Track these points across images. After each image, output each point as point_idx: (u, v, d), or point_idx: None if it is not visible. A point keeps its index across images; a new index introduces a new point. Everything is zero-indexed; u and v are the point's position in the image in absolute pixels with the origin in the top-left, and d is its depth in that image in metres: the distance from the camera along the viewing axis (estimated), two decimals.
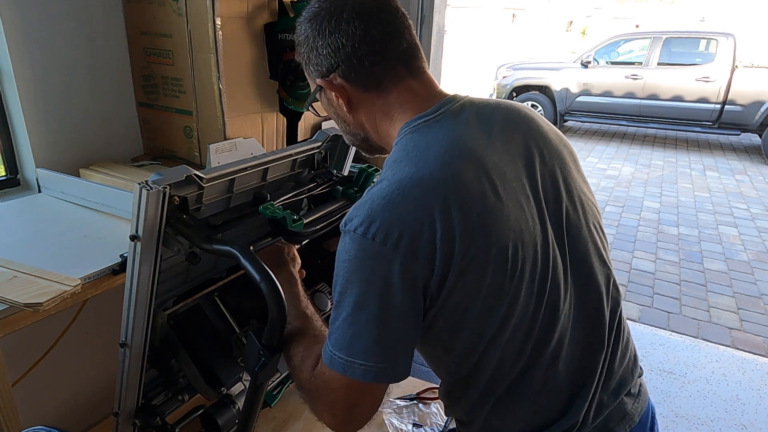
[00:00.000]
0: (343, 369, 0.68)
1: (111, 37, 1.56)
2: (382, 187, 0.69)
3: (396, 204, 0.66)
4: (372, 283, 0.66)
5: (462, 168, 0.69)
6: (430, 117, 0.75)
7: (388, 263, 0.65)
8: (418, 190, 0.67)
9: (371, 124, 0.82)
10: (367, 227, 0.66)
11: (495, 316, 0.71)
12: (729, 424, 2.25)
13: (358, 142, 0.88)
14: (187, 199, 0.81)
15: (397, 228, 0.65)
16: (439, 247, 0.66)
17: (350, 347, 0.68)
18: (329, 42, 0.76)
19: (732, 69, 6.74)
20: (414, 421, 1.25)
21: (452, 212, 0.66)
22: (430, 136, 0.73)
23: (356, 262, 0.67)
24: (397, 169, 0.70)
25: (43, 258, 1.04)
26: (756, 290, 3.49)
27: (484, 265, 0.68)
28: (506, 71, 8.38)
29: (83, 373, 1.55)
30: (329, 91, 0.81)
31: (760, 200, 5.31)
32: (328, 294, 1.03)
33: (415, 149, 0.72)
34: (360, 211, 0.68)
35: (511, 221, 0.70)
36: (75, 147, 1.52)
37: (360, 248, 0.66)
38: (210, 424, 1.03)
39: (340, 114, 0.84)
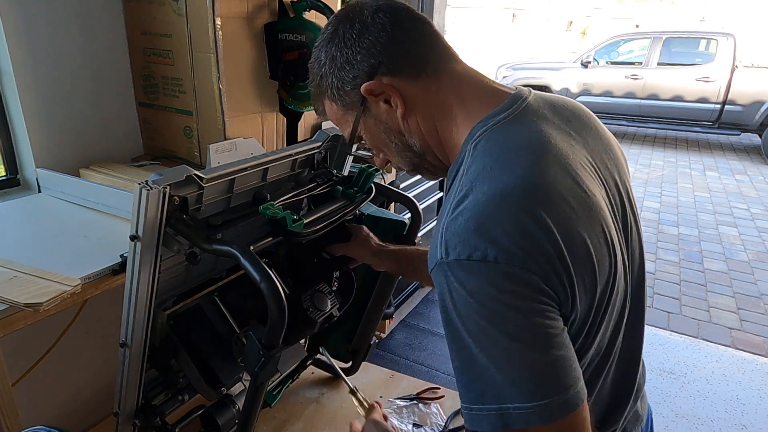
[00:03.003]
0: (527, 420, 0.56)
1: (111, 37, 1.56)
2: (478, 203, 0.59)
3: (509, 218, 0.58)
4: (512, 308, 0.56)
5: (559, 174, 0.62)
6: (509, 113, 0.67)
7: (520, 282, 0.56)
8: (528, 200, 0.59)
9: (429, 125, 0.73)
10: (484, 251, 0.56)
11: (589, 332, 0.65)
12: (729, 424, 2.25)
13: (418, 161, 0.78)
14: (187, 199, 0.81)
15: (518, 244, 0.56)
16: (560, 259, 0.58)
17: (512, 392, 0.56)
18: (360, 45, 0.71)
19: (732, 69, 6.74)
20: (414, 421, 1.25)
21: (566, 220, 0.59)
22: (517, 136, 0.65)
23: (484, 293, 0.56)
24: (492, 176, 0.61)
25: (43, 258, 1.03)
26: (756, 290, 3.49)
27: (594, 272, 0.62)
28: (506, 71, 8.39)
29: (83, 373, 1.55)
30: (376, 104, 0.73)
31: (760, 200, 5.31)
32: (327, 294, 1.03)
33: (504, 153, 0.63)
34: (463, 234, 0.58)
35: (609, 226, 0.65)
36: (75, 147, 1.52)
37: (482, 276, 0.56)
38: (210, 424, 1.03)
39: (392, 127, 0.75)
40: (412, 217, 1.16)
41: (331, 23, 0.77)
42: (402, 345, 2.71)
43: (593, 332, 0.66)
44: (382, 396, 1.33)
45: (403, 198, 1.17)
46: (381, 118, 0.75)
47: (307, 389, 1.35)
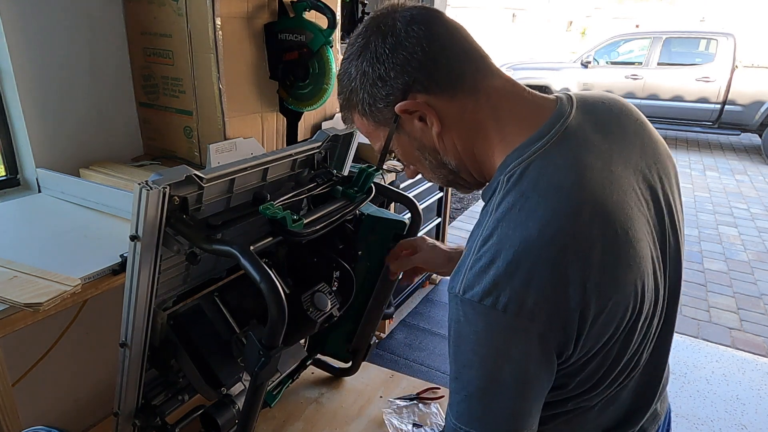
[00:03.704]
0: None
1: (111, 37, 1.56)
2: (502, 248, 0.59)
3: (527, 269, 0.58)
4: (506, 357, 0.60)
5: (593, 216, 0.60)
6: (545, 141, 0.64)
7: (523, 335, 0.59)
8: (550, 251, 0.58)
9: (464, 144, 0.71)
10: (496, 298, 0.58)
11: (608, 358, 0.68)
12: (729, 424, 2.25)
13: (453, 177, 0.76)
14: (187, 199, 0.81)
15: (532, 297, 0.57)
16: (575, 311, 0.59)
17: (481, 421, 0.62)
18: (394, 61, 0.67)
19: (732, 69, 6.74)
20: (414, 421, 1.25)
21: (588, 272, 0.59)
22: (552, 173, 0.62)
23: (485, 335, 0.60)
24: (519, 222, 0.60)
25: (43, 258, 1.04)
26: (756, 290, 3.49)
27: (615, 317, 0.63)
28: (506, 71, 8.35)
29: (83, 373, 1.55)
30: (409, 121, 0.71)
31: (760, 200, 5.31)
32: (327, 294, 1.03)
33: (536, 195, 0.61)
34: (482, 278, 0.59)
35: (640, 266, 0.64)
36: (75, 147, 1.52)
37: (489, 321, 0.59)
38: (210, 424, 1.03)
39: (427, 144, 0.73)
40: (412, 217, 1.15)
41: (362, 35, 0.71)
42: (402, 345, 2.71)
43: (612, 355, 0.68)
44: (382, 396, 1.33)
45: (403, 198, 1.17)
46: (415, 136, 0.73)
47: (307, 389, 1.35)
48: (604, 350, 0.66)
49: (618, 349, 0.68)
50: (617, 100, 0.76)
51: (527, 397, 0.63)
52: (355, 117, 0.77)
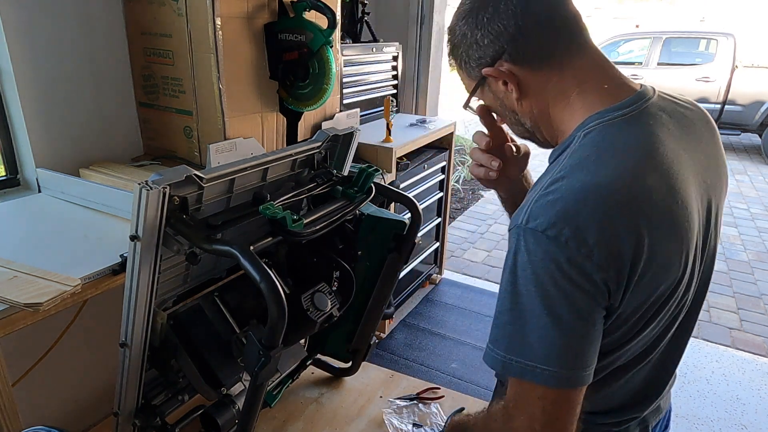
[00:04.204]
0: (521, 373, 0.65)
1: (111, 37, 1.56)
2: (571, 188, 0.64)
3: (593, 211, 0.62)
4: (562, 290, 0.62)
5: (657, 181, 0.65)
6: (627, 111, 0.69)
7: (580, 271, 0.62)
8: (615, 200, 0.63)
9: (541, 110, 0.76)
10: (560, 231, 0.61)
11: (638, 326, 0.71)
12: (729, 424, 2.25)
13: (528, 134, 0.83)
14: (187, 199, 0.81)
15: (593, 236, 0.61)
16: (628, 261, 0.63)
17: (531, 352, 0.64)
18: (489, 30, 0.74)
19: (732, 69, 6.74)
20: (414, 421, 1.25)
21: (645, 229, 0.63)
22: (628, 136, 0.68)
23: (544, 264, 0.62)
24: (592, 169, 0.65)
25: (43, 258, 1.04)
26: (756, 290, 3.49)
27: (658, 282, 0.67)
28: None
29: (83, 373, 1.55)
30: (494, 83, 0.78)
31: (760, 200, 5.31)
32: (327, 294, 1.03)
33: (610, 149, 0.67)
34: (548, 211, 0.63)
35: (688, 244, 0.69)
36: (75, 147, 1.52)
37: (549, 251, 0.62)
38: (210, 424, 1.03)
39: (507, 104, 0.80)
40: (412, 217, 1.15)
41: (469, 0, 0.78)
42: (402, 345, 2.71)
43: (639, 328, 0.72)
44: (382, 396, 1.33)
45: (403, 198, 1.17)
46: (498, 96, 0.80)
47: (307, 389, 1.35)
48: (637, 315, 0.69)
49: (647, 320, 0.71)
50: (699, 108, 0.82)
51: (583, 337, 0.64)
52: (456, 65, 0.84)
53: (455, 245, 4.11)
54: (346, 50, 2.41)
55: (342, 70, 2.33)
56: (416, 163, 2.57)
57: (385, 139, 2.29)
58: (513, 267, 0.66)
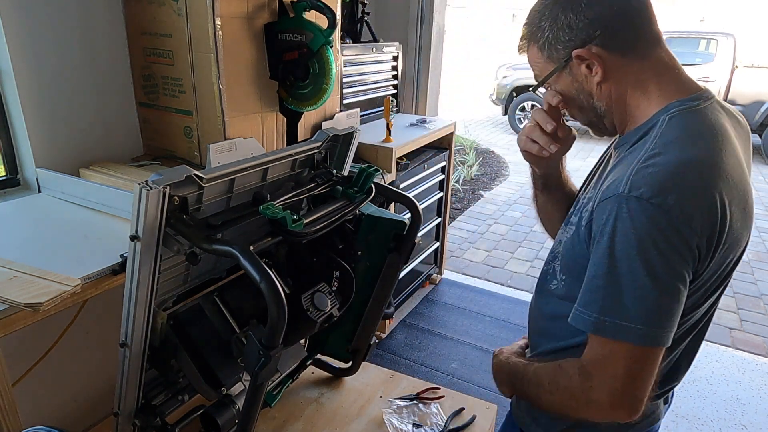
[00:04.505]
0: (615, 333, 0.70)
1: (111, 37, 1.56)
2: (670, 162, 0.71)
3: (691, 181, 0.70)
4: (662, 253, 0.68)
5: (736, 164, 0.75)
6: (701, 102, 0.78)
7: (680, 237, 0.68)
8: (711, 174, 0.71)
9: (620, 95, 0.82)
10: (664, 199, 0.68)
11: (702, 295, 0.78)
12: (729, 424, 2.25)
13: (596, 119, 0.88)
14: (187, 199, 0.81)
15: (691, 205, 0.68)
16: (716, 232, 0.70)
17: (626, 311, 0.70)
18: (586, 15, 0.78)
19: (732, 69, 6.74)
20: (414, 421, 1.25)
21: (730, 204, 0.71)
22: (708, 124, 0.76)
23: (647, 230, 0.68)
24: (685, 147, 0.73)
25: (43, 258, 1.04)
26: (756, 290, 3.49)
27: (727, 258, 0.76)
28: (506, 71, 8.37)
29: (83, 373, 1.55)
30: (577, 66, 0.81)
31: (760, 200, 5.30)
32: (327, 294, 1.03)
33: (696, 132, 0.75)
34: (651, 180, 0.70)
35: (748, 228, 0.78)
36: (75, 147, 1.52)
37: (652, 217, 0.68)
38: (210, 424, 1.03)
39: (585, 88, 0.84)
40: (412, 217, 1.15)
41: None
42: (402, 345, 2.71)
43: (704, 298, 0.80)
44: (382, 396, 1.33)
45: (403, 198, 1.17)
46: (578, 79, 0.83)
47: (307, 389, 1.35)
48: (707, 284, 0.77)
49: (711, 291, 0.80)
50: (744, 118, 0.92)
51: (674, 297, 0.71)
52: (531, 48, 0.87)
53: (455, 245, 4.11)
54: (346, 50, 2.41)
55: (342, 70, 2.33)
56: (416, 163, 2.57)
57: (385, 139, 2.29)
58: (612, 233, 0.71)
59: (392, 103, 2.59)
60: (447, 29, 3.30)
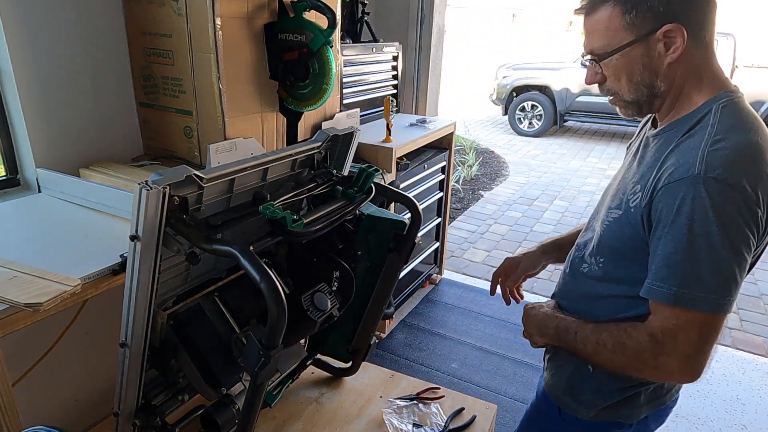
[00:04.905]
0: (693, 304, 0.77)
1: (111, 37, 1.56)
2: (737, 145, 0.77)
3: (756, 162, 0.77)
4: (739, 228, 0.75)
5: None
6: (741, 96, 0.85)
7: (750, 212, 0.75)
8: (765, 155, 0.78)
9: (681, 80, 0.85)
10: (739, 180, 0.75)
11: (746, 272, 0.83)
12: (729, 424, 2.25)
13: (646, 98, 0.89)
14: (187, 199, 0.81)
15: (760, 183, 0.76)
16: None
17: (706, 283, 0.76)
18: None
19: (732, 69, 6.74)
20: (414, 421, 1.25)
21: None
22: (751, 111, 0.84)
23: (725, 207, 0.75)
24: (743, 132, 0.79)
25: (43, 258, 1.04)
26: (756, 290, 3.49)
27: None
28: (506, 71, 8.38)
29: (83, 373, 1.55)
30: (656, 41, 0.82)
31: None
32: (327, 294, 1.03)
33: (749, 121, 0.82)
34: (725, 162, 0.76)
35: None
36: (75, 147, 1.52)
37: (730, 197, 0.75)
38: (210, 424, 1.03)
39: (652, 65, 0.84)
40: (412, 217, 1.15)
41: None
42: (402, 345, 2.71)
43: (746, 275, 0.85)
44: (382, 396, 1.33)
45: (403, 198, 1.17)
46: (649, 55, 0.84)
47: (307, 389, 1.35)
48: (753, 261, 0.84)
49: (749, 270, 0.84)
50: None
51: (743, 269, 0.78)
52: (607, 7, 0.84)
53: (455, 245, 4.11)
54: (346, 50, 2.41)
55: (342, 70, 2.33)
56: (416, 163, 2.57)
57: (385, 139, 2.29)
58: (690, 212, 0.76)
59: (392, 103, 2.59)
60: (447, 29, 3.30)
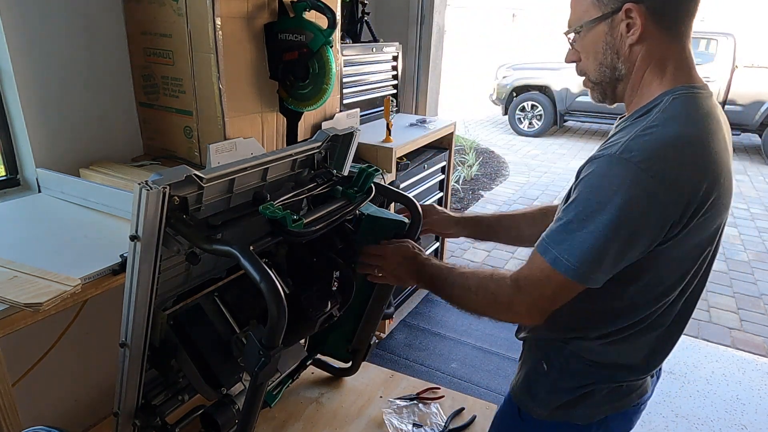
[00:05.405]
0: (565, 270, 0.80)
1: (111, 37, 1.56)
2: (665, 135, 0.78)
3: (678, 155, 0.77)
4: (634, 209, 0.75)
5: (724, 149, 0.82)
6: (703, 91, 0.85)
7: (655, 198, 0.75)
8: (700, 149, 0.78)
9: (642, 65, 0.86)
10: (651, 165, 0.75)
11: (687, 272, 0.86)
12: (729, 424, 2.25)
13: (609, 80, 0.91)
14: (187, 199, 0.81)
15: (674, 174, 0.75)
16: (695, 200, 0.77)
17: (584, 255, 0.78)
18: None
19: (732, 69, 6.73)
20: (414, 421, 1.25)
21: (712, 178, 0.78)
22: (706, 107, 0.83)
23: (626, 187, 0.75)
24: (678, 125, 0.79)
25: (43, 258, 1.04)
26: (756, 290, 3.49)
27: (704, 232, 0.82)
28: (506, 71, 8.37)
29: (83, 373, 1.55)
30: (621, 19, 0.84)
31: (760, 200, 5.31)
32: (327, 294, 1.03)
33: (694, 114, 0.81)
34: (643, 149, 0.76)
35: (725, 215, 0.85)
36: (75, 147, 1.52)
37: (635, 178, 0.75)
38: (210, 424, 1.03)
39: (615, 45, 0.87)
40: (412, 217, 1.15)
41: None
42: (402, 345, 2.71)
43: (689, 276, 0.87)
44: (382, 396, 1.33)
45: (403, 198, 1.17)
46: (612, 34, 0.87)
47: (307, 389, 1.35)
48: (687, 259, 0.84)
49: (691, 269, 0.86)
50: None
51: (627, 248, 0.78)
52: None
53: (455, 245, 4.11)
54: (346, 50, 2.41)
55: (342, 70, 2.33)
56: (416, 163, 2.57)
57: (385, 139, 2.29)
58: (592, 183, 0.79)
59: (392, 103, 2.59)
60: (447, 29, 3.30)
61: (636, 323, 0.90)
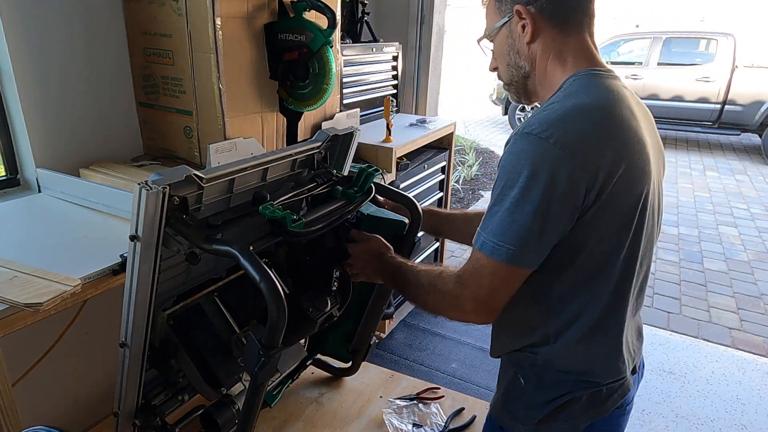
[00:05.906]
0: (491, 252, 0.80)
1: (111, 37, 1.56)
2: (563, 107, 0.81)
3: (577, 120, 0.79)
4: (541, 179, 0.76)
5: (630, 115, 0.84)
6: (604, 72, 0.88)
7: (559, 164, 0.76)
8: (599, 115, 0.81)
9: (542, 60, 0.91)
10: (551, 134, 0.77)
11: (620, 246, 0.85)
12: (729, 424, 2.25)
13: (518, 79, 0.96)
14: (187, 199, 0.81)
15: (577, 140, 0.77)
16: (605, 167, 0.78)
17: (504, 233, 0.79)
18: None
19: (732, 69, 6.74)
20: (414, 421, 1.25)
21: (619, 144, 0.80)
22: (607, 83, 0.86)
23: (531, 159, 0.77)
24: (577, 97, 0.82)
25: (43, 258, 1.04)
26: (756, 290, 3.49)
27: (627, 199, 0.82)
28: None
29: (83, 373, 1.55)
30: (517, 22, 0.91)
31: (760, 200, 5.31)
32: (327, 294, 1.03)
33: (593, 88, 0.85)
34: (541, 120, 0.79)
35: (648, 184, 0.85)
36: (75, 147, 1.52)
37: (537, 148, 0.77)
38: (210, 424, 1.03)
39: (515, 45, 0.93)
40: (412, 217, 1.15)
41: None
42: (402, 345, 2.71)
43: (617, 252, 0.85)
44: (382, 396, 1.33)
45: (403, 198, 1.17)
46: (512, 35, 0.93)
47: (307, 389, 1.35)
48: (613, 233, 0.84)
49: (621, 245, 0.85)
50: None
51: (544, 220, 0.78)
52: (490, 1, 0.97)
53: (455, 245, 4.10)
54: (346, 50, 2.41)
55: (342, 70, 2.33)
56: (416, 163, 2.56)
57: (385, 139, 2.29)
58: (504, 166, 0.81)
59: (392, 103, 2.59)
60: (447, 29, 3.30)
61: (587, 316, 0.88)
